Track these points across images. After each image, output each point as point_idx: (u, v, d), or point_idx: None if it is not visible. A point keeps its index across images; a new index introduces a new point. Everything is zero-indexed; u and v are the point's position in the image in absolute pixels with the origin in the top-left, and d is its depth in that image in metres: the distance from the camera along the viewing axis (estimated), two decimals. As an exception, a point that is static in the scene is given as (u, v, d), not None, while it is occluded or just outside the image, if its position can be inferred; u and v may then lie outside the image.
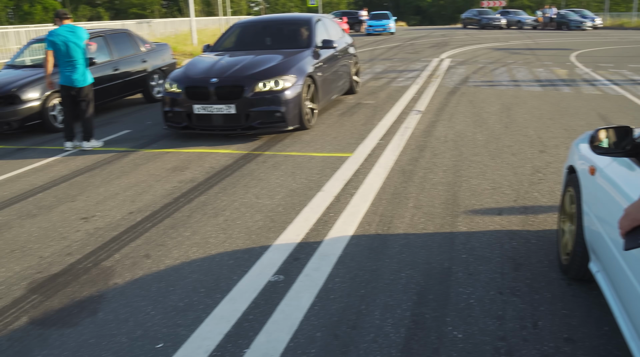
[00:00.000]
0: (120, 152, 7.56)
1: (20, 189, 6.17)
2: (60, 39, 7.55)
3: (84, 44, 7.68)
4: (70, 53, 7.57)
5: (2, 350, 3.15)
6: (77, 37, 7.60)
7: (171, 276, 3.92)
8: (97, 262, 4.21)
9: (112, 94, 10.63)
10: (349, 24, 41.86)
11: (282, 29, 9.60)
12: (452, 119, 8.63)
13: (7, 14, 65.29)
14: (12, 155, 7.76)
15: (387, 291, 3.55)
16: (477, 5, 64.62)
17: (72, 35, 7.58)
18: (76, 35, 7.60)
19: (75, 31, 7.62)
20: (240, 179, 6.02)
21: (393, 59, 18.97)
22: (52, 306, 3.61)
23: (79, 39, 7.60)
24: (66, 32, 7.58)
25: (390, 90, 11.71)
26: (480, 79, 13.18)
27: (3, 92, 8.67)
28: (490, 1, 56.75)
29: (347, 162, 6.44)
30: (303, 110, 7.74)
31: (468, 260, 3.93)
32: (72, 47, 7.56)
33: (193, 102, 7.56)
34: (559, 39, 27.90)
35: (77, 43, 7.58)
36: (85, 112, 7.82)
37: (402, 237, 4.35)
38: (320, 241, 4.35)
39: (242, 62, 7.99)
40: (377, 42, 28.37)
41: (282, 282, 3.73)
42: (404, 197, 5.23)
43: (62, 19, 7.72)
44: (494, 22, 41.67)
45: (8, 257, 4.42)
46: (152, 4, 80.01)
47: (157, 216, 5.08)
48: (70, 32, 7.59)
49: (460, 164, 6.25)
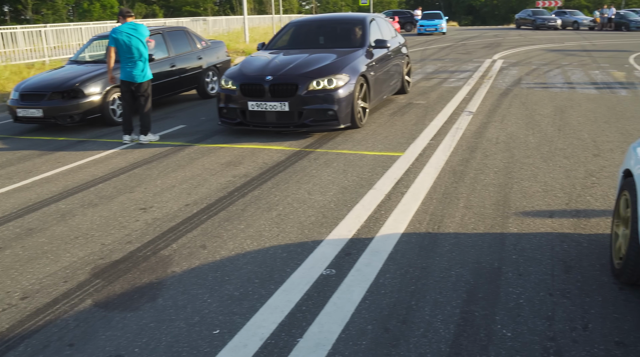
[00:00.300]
0: (176, 146, 7.81)
1: (82, 180, 6.46)
2: (122, 36, 7.84)
3: (145, 41, 7.96)
4: (132, 50, 7.85)
5: (70, 329, 3.36)
6: (138, 34, 7.88)
7: (227, 266, 4.07)
8: (155, 251, 4.40)
9: (169, 89, 10.96)
10: (400, 24, 41.76)
11: (336, 28, 9.71)
12: (504, 120, 8.58)
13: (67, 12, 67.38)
14: (74, 147, 8.10)
15: (437, 288, 3.62)
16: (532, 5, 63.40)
17: (134, 32, 7.86)
18: (138, 33, 7.88)
19: (137, 29, 7.89)
20: (292, 175, 6.17)
21: (444, 59, 18.86)
22: (114, 291, 3.81)
23: (140, 36, 7.88)
24: (129, 30, 7.86)
25: (441, 90, 11.69)
26: (533, 80, 13.00)
27: (67, 86, 9.06)
28: (546, 1, 55.63)
29: (398, 161, 6.50)
30: (355, 109, 7.83)
31: (518, 261, 3.96)
32: (134, 44, 7.83)
33: (248, 99, 7.74)
34: (617, 40, 27.16)
35: (138, 40, 7.86)
36: (143, 107, 8.10)
37: (452, 236, 4.40)
38: (371, 237, 4.45)
39: (296, 61, 8.13)
40: (428, 42, 28.21)
41: (334, 276, 3.84)
42: (454, 197, 5.27)
43: (125, 17, 8.01)
44: (549, 23, 40.79)
45: (73, 243, 4.66)
46: (206, 2, 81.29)
47: (212, 209, 5.26)
48: (132, 29, 7.87)
49: (511, 165, 6.24)
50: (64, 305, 3.65)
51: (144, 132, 8.15)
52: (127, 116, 8.18)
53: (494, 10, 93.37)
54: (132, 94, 8.12)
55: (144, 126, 8.14)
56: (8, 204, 5.72)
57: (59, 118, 8.99)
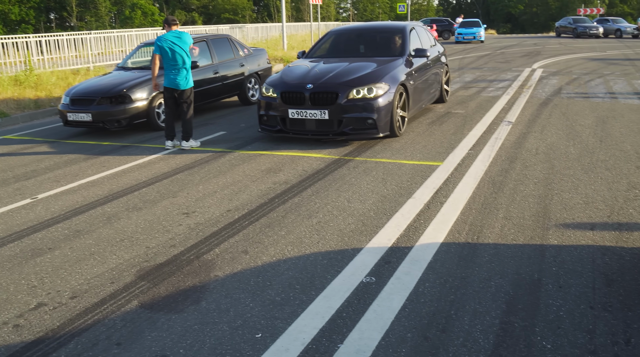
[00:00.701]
0: (217, 152, 7.96)
1: (126, 184, 6.64)
2: (167, 44, 8.04)
3: (188, 49, 8.14)
4: (176, 57, 8.04)
5: (117, 329, 3.48)
6: (182, 42, 8.06)
7: (268, 271, 4.16)
8: (199, 255, 4.51)
9: (212, 95, 11.21)
10: (438, 32, 41.58)
11: (375, 37, 9.78)
12: (543, 131, 8.52)
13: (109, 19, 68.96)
14: (118, 151, 8.32)
15: (476, 298, 3.64)
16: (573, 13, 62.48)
17: (178, 41, 8.05)
18: (182, 41, 8.06)
19: (181, 37, 8.09)
20: (332, 183, 6.24)
21: (483, 68, 18.74)
22: (159, 293, 3.93)
23: (184, 44, 8.07)
24: (173, 38, 8.06)
25: (480, 100, 11.64)
26: (574, 90, 12.84)
27: (115, 92, 9.36)
28: (587, 9, 54.76)
29: (437, 171, 6.52)
30: (394, 118, 7.87)
31: (558, 273, 3.95)
32: (178, 52, 8.02)
33: (288, 107, 7.85)
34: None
35: (182, 48, 8.05)
36: (185, 113, 8.28)
37: (491, 247, 4.41)
38: (410, 246, 4.49)
39: (337, 70, 8.22)
40: (466, 51, 28.04)
41: (374, 283, 3.89)
42: (494, 208, 5.27)
43: (170, 25, 8.22)
44: (591, 31, 40.08)
45: (118, 245, 4.81)
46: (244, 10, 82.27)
47: (253, 215, 5.36)
48: (176, 37, 8.06)
49: (551, 177, 6.20)
50: (111, 305, 3.78)
51: (186, 138, 8.32)
52: (169, 122, 8.37)
53: (533, 18, 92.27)
54: (175, 101, 8.31)
55: (186, 132, 8.32)
56: (56, 207, 5.92)
57: (107, 122, 9.28)
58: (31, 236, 5.14)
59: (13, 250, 4.82)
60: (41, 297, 3.94)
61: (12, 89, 13.72)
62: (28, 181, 6.96)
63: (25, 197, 6.33)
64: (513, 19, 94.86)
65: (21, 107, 12.42)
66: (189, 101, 8.28)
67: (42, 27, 68.31)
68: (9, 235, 5.18)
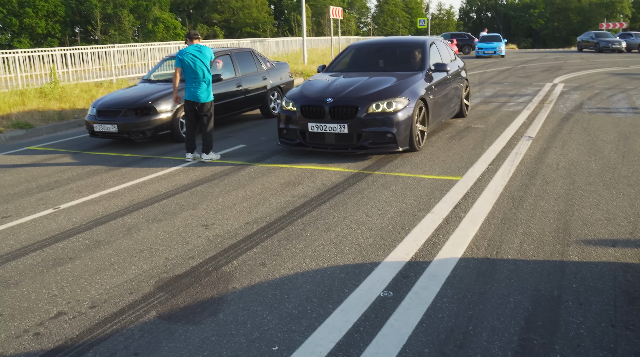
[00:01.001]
0: (237, 165, 8.01)
1: (146, 195, 6.70)
2: (187, 57, 8.14)
3: (209, 62, 8.23)
4: (196, 71, 8.13)
5: (135, 339, 3.51)
6: (203, 56, 8.16)
7: (286, 284, 4.17)
8: (217, 267, 4.54)
9: (235, 108, 11.33)
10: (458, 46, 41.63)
11: (395, 52, 9.80)
12: (564, 146, 8.45)
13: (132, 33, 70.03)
14: (139, 163, 8.41)
15: (494, 314, 3.61)
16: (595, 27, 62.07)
17: (198, 54, 8.14)
18: (202, 55, 8.16)
19: (201, 50, 8.18)
20: (350, 197, 6.24)
21: (503, 82, 18.67)
22: (177, 304, 3.95)
23: (204, 58, 8.16)
24: (194, 51, 8.16)
25: (500, 114, 11.59)
26: (595, 105, 12.73)
27: (140, 104, 9.51)
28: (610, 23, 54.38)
29: (456, 186, 6.50)
30: (413, 132, 7.87)
31: (579, 290, 3.90)
32: (198, 65, 8.11)
33: (308, 121, 7.89)
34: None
35: (202, 61, 8.14)
36: (206, 126, 8.35)
37: (510, 263, 4.38)
38: (429, 261, 4.47)
39: (357, 84, 8.25)
40: (486, 65, 27.97)
41: (391, 298, 3.88)
42: (513, 223, 5.23)
43: (192, 39, 8.32)
44: (613, 45, 39.78)
45: (138, 256, 4.86)
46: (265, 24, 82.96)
47: (272, 228, 5.38)
48: (197, 51, 8.16)
49: (572, 192, 6.14)
50: (130, 315, 3.81)
51: (206, 150, 8.39)
52: (190, 135, 8.44)
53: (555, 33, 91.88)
54: (195, 114, 8.39)
55: (206, 145, 8.38)
56: (78, 217, 6.00)
57: (132, 133, 9.42)
58: (53, 245, 5.21)
59: (35, 259, 4.89)
60: (61, 306, 3.99)
61: (38, 101, 13.96)
62: (51, 191, 7.06)
63: (48, 207, 6.42)
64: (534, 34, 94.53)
65: (45, 118, 12.63)
66: (209, 114, 8.36)
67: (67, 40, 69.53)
68: (31, 244, 5.26)
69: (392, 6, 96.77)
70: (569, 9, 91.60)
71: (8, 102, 13.38)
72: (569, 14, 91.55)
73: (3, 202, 6.71)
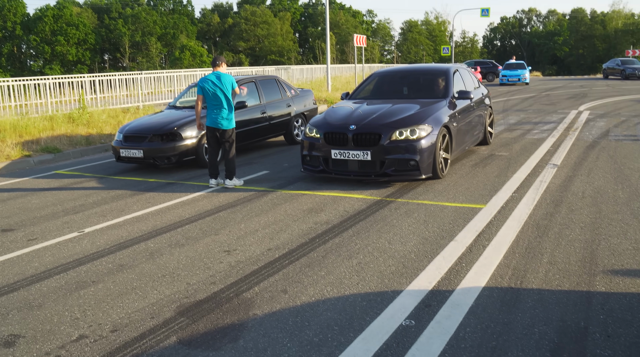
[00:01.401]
0: (260, 191, 8.04)
1: (170, 220, 6.75)
2: (207, 84, 8.24)
3: (229, 90, 8.27)
4: (216, 97, 8.21)
5: (156, 365, 3.50)
6: (222, 83, 8.21)
7: (307, 311, 4.14)
8: (238, 293, 4.53)
9: (259, 135, 11.44)
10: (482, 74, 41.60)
11: (419, 79, 9.82)
12: (590, 174, 8.35)
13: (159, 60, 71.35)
14: (163, 188, 8.48)
15: (519, 345, 3.54)
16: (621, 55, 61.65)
17: (217, 81, 8.21)
18: (221, 82, 8.21)
19: (220, 77, 8.24)
20: (373, 224, 6.21)
21: (527, 110, 18.57)
22: (198, 329, 3.94)
23: (222, 86, 8.21)
24: (214, 78, 8.25)
25: (524, 142, 11.51)
26: (622, 133, 12.58)
27: (166, 129, 9.65)
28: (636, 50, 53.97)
29: (479, 214, 6.44)
30: (437, 160, 7.84)
31: (606, 321, 3.82)
32: (217, 93, 8.19)
33: (331, 148, 7.91)
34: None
35: (222, 89, 8.20)
36: (228, 153, 8.41)
37: (535, 292, 4.30)
38: (452, 289, 4.41)
39: (380, 111, 8.26)
40: (510, 93, 27.88)
41: (413, 327, 3.83)
42: (538, 252, 5.15)
43: (214, 66, 8.43)
44: (639, 72, 39.39)
45: (160, 280, 4.87)
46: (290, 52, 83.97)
47: (293, 254, 5.37)
48: (217, 78, 8.24)
49: (599, 221, 6.04)
50: (150, 340, 3.81)
51: (229, 176, 8.44)
52: (212, 161, 8.51)
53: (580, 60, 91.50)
54: (217, 140, 8.46)
55: (229, 171, 8.43)
56: (102, 241, 6.05)
57: (158, 159, 9.54)
58: (76, 268, 5.26)
59: (59, 282, 4.94)
60: (83, 329, 4.01)
61: (66, 126, 14.22)
62: (76, 215, 7.15)
63: (72, 230, 6.50)
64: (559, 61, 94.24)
65: (73, 143, 12.85)
66: (231, 141, 8.40)
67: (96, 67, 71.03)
68: (55, 267, 5.31)
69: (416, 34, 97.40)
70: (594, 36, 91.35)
71: (38, 127, 13.65)
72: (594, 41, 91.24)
73: (30, 225, 6.81)
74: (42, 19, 72.90)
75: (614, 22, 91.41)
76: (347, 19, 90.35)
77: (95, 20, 78.90)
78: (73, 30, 72.87)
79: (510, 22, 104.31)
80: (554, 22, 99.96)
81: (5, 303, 4.54)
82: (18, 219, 7.13)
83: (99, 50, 77.10)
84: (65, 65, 71.89)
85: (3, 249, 5.95)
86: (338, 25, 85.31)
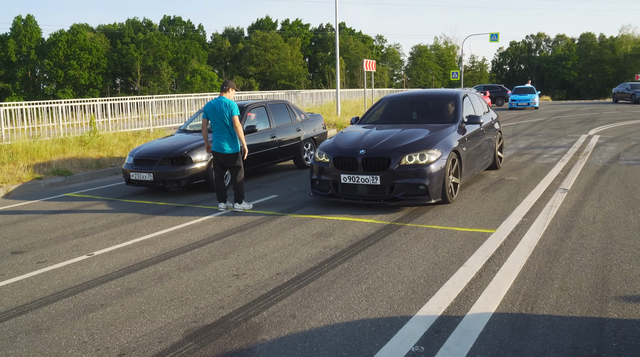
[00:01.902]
0: (269, 215, 8.04)
1: (178, 244, 6.75)
2: (212, 109, 8.30)
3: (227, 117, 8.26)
4: (218, 123, 8.25)
5: (163, 391, 3.48)
6: (222, 109, 8.23)
7: (315, 337, 4.11)
8: (246, 318, 4.51)
9: (269, 159, 11.49)
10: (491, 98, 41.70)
11: (428, 104, 9.86)
12: (601, 198, 8.29)
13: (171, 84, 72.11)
14: (172, 212, 8.50)
15: (530, 372, 3.50)
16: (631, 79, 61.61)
17: (218, 106, 8.25)
18: (222, 108, 8.24)
19: (221, 103, 8.25)
20: (382, 249, 6.19)
21: (537, 134, 18.55)
22: (206, 354, 3.92)
23: (224, 112, 8.22)
24: (217, 103, 8.30)
25: (534, 166, 11.47)
26: (633, 157, 12.52)
27: (176, 153, 9.72)
28: (646, 75, 53.90)
29: (489, 239, 6.40)
30: (446, 185, 7.83)
31: (620, 349, 3.76)
32: (219, 117, 8.23)
33: (340, 172, 7.92)
34: None
35: (223, 114, 8.22)
36: (235, 177, 8.42)
37: (546, 319, 4.26)
38: (461, 315, 4.37)
39: (389, 136, 8.28)
40: (520, 117, 27.89)
41: (422, 353, 3.79)
42: (548, 278, 5.11)
43: (221, 91, 8.50)
44: (650, 97, 39.27)
45: (168, 304, 4.86)
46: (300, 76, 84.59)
47: (302, 279, 5.34)
48: (219, 103, 8.28)
49: (610, 246, 5.99)
50: (159, 365, 3.79)
51: (238, 200, 8.45)
52: (219, 185, 8.52)
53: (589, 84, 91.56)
54: (221, 164, 8.48)
55: (238, 195, 8.45)
56: (111, 264, 6.06)
57: (167, 182, 9.59)
58: (85, 291, 5.26)
59: (67, 305, 4.94)
60: (90, 353, 4.00)
61: (77, 149, 14.34)
62: (86, 238, 7.17)
63: (82, 253, 6.51)
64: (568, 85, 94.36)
65: (84, 166, 12.94)
66: (237, 165, 8.40)
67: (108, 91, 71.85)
68: (64, 290, 5.32)
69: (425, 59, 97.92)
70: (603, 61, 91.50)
71: (49, 150, 13.77)
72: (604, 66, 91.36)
73: (39, 247, 6.83)
74: (56, 43, 74.02)
75: (623, 47, 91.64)
76: (357, 44, 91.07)
77: (108, 45, 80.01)
78: (86, 54, 73.87)
79: (519, 46, 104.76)
80: (563, 46, 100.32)
81: (14, 326, 4.54)
82: (28, 241, 7.16)
83: (111, 74, 77.99)
84: (77, 89, 72.73)
85: (13, 271, 5.97)
86: (348, 50, 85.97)
